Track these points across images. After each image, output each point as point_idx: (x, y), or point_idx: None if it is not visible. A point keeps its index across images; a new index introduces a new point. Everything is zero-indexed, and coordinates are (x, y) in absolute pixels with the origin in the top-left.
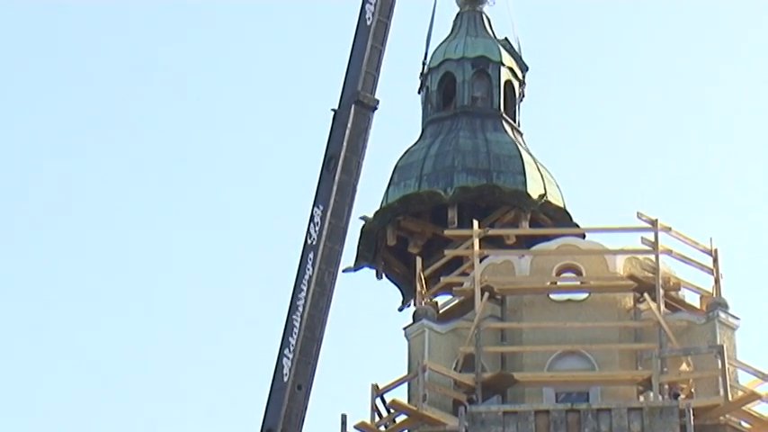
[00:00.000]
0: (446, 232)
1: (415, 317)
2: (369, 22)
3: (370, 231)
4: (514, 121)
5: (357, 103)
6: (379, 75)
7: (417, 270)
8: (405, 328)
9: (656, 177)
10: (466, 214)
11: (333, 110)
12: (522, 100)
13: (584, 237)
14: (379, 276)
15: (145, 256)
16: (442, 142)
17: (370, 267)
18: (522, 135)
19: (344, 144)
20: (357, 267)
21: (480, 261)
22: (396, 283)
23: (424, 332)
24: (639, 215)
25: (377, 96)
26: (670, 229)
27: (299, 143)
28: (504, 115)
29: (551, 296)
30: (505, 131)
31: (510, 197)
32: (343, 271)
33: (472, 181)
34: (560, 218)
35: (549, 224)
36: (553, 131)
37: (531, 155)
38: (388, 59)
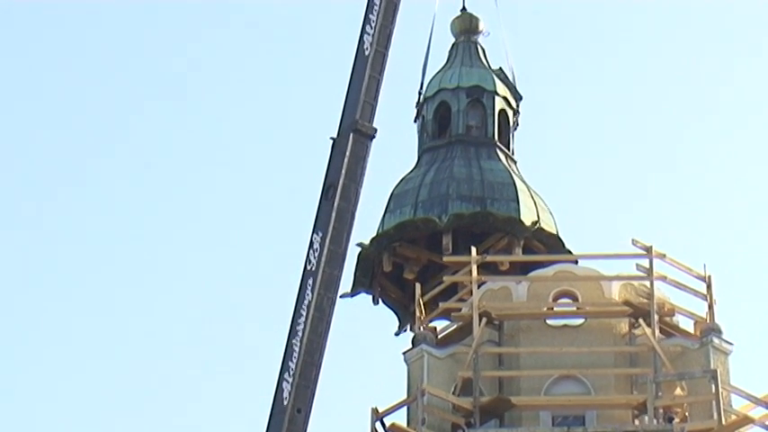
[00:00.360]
0: (444, 259)
1: (415, 342)
2: (367, 53)
3: (367, 258)
4: (508, 150)
5: (355, 131)
6: (377, 104)
7: (416, 296)
8: (404, 353)
9: (651, 205)
10: (461, 241)
11: (332, 138)
12: (516, 128)
13: (576, 262)
14: (375, 302)
15: (149, 282)
16: (437, 170)
17: (367, 293)
18: (515, 163)
19: (343, 172)
20: (354, 293)
21: (478, 287)
22: (392, 308)
23: (423, 357)
24: (634, 242)
25: (375, 125)
26: (664, 255)
27: (299, 171)
28: (498, 143)
29: (548, 321)
30: (499, 159)
31: (503, 224)
32: (341, 296)
33: (466, 208)
34: (553, 244)
35: (542, 251)
36: (548, 159)
37: (524, 182)
38: (385, 88)
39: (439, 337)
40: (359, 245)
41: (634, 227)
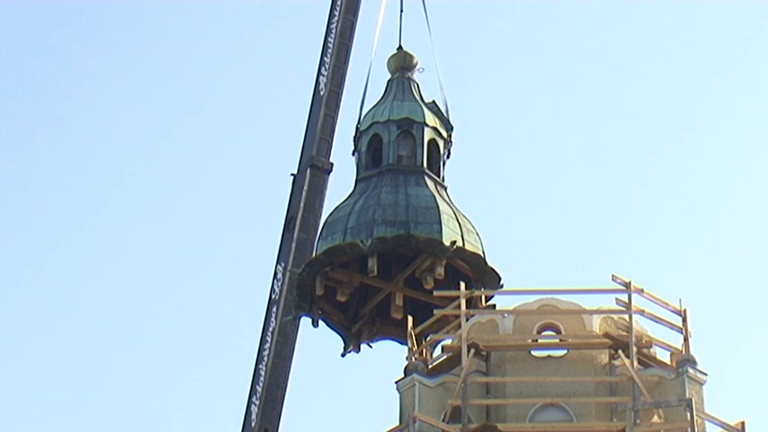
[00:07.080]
0: (435, 293)
1: (407, 371)
2: (322, 93)
3: (303, 283)
4: (439, 177)
5: (312, 167)
6: (332, 140)
7: (408, 328)
8: (396, 382)
9: (629, 241)
10: (394, 263)
11: (292, 174)
12: (448, 157)
13: (493, 300)
14: (315, 324)
15: (125, 311)
16: (366, 198)
17: (308, 317)
18: (446, 189)
19: (302, 205)
20: (296, 317)
21: (467, 320)
22: (335, 331)
23: (415, 386)
24: (614, 278)
25: (331, 160)
26: (642, 290)
27: (265, 208)
28: (426, 171)
29: (532, 353)
30: (426, 186)
31: (424, 245)
32: (283, 321)
33: (390, 232)
34: (476, 263)
35: (465, 269)
36: (484, 187)
37: (451, 207)
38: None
39: (430, 367)
40: (291, 271)
41: (612, 263)
